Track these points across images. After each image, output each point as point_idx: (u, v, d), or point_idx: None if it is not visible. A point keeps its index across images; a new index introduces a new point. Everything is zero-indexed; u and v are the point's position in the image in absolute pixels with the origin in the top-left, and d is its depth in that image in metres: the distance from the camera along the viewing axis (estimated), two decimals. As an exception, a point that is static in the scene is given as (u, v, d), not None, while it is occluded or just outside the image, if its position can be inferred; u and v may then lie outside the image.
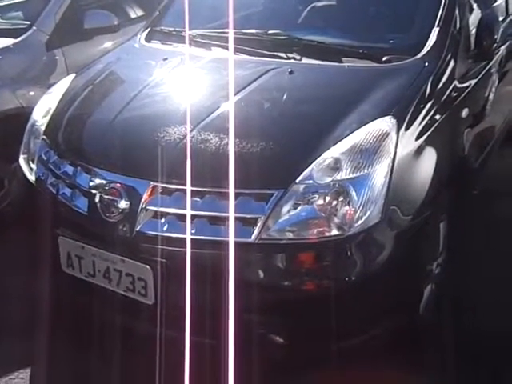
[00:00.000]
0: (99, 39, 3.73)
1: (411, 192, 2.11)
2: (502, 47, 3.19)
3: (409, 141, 2.12)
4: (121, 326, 2.15)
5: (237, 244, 1.89)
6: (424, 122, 2.21)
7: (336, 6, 2.77)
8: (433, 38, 2.41)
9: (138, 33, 3.00)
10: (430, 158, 2.22)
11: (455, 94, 2.47)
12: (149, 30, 2.98)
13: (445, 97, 2.38)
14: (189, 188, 1.86)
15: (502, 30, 3.14)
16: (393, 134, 2.03)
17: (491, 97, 3.06)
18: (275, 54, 2.51)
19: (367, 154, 1.96)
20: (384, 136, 2.01)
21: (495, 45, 2.58)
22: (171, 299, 1.97)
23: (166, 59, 2.62)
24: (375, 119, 2.06)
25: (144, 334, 2.06)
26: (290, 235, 1.93)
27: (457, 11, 2.57)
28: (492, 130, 3.27)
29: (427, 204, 2.14)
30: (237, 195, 1.91)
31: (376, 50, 2.46)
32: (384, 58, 2.38)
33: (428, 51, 2.38)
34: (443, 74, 2.40)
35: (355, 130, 2.02)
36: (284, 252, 1.93)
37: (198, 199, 1.95)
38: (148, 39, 2.92)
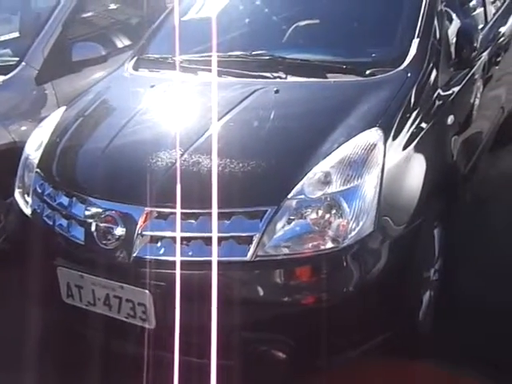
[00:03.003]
0: (88, 71, 3.78)
1: (402, 201, 2.14)
2: (484, 53, 3.25)
3: (397, 150, 2.16)
4: (125, 352, 2.16)
5: (233, 263, 1.95)
6: (410, 132, 2.25)
7: (318, 24, 2.81)
8: (413, 50, 2.46)
9: (126, 62, 3.05)
10: (418, 166, 2.25)
11: (440, 103, 2.51)
12: (136, 58, 3.03)
13: (429, 105, 2.42)
14: (179, 211, 1.88)
15: (482, 36, 3.21)
16: (380, 145, 2.06)
17: (477, 102, 3.12)
18: (261, 74, 2.56)
19: (356, 166, 2.00)
20: (371, 147, 2.04)
21: (475, 52, 2.63)
22: (172, 322, 1.98)
23: (153, 86, 2.67)
24: (362, 131, 2.10)
25: (148, 359, 2.06)
26: (286, 251, 1.95)
27: (436, 22, 2.62)
28: (480, 136, 3.31)
29: (419, 212, 2.17)
30: (230, 214, 1.94)
31: (359, 64, 2.50)
32: (367, 72, 2.43)
33: (410, 62, 2.43)
34: (426, 83, 2.45)
35: (343, 143, 2.05)
36: (281, 268, 1.95)
37: (193, 221, 1.97)
38: (135, 67, 2.96)
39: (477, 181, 3.23)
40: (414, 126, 2.27)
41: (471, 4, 3.45)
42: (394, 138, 2.16)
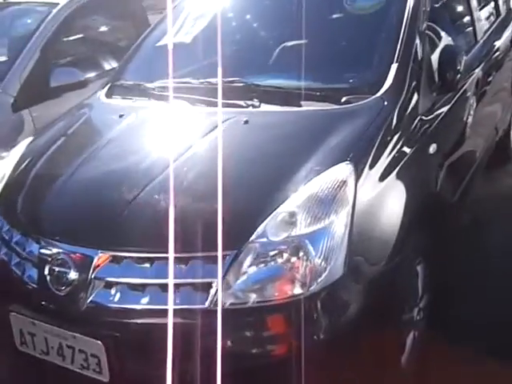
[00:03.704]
0: (67, 96, 3.68)
1: (378, 239, 1.99)
2: (477, 69, 3.12)
3: (371, 185, 2.01)
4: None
5: (192, 311, 1.80)
6: (387, 163, 2.10)
7: (294, 50, 2.67)
8: (391, 75, 2.32)
9: (99, 89, 2.94)
10: (396, 200, 2.10)
11: (421, 130, 2.36)
12: (109, 85, 2.91)
13: (409, 134, 2.27)
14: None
15: (473, 54, 3.09)
16: (350, 181, 1.91)
17: (468, 124, 2.97)
18: (233, 102, 2.42)
19: (323, 206, 1.85)
20: (340, 184, 1.89)
21: (459, 75, 2.48)
22: (127, 375, 1.85)
23: (121, 116, 2.54)
24: (331, 167, 1.95)
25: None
26: (249, 298, 1.80)
27: (417, 42, 2.48)
28: (470, 160, 3.16)
29: (398, 249, 2.02)
30: (188, 259, 1.80)
31: (335, 91, 2.36)
32: (343, 99, 2.29)
33: (387, 89, 2.28)
34: (405, 110, 2.30)
35: (310, 180, 1.91)
36: (242, 316, 1.80)
37: (148, 266, 1.84)
38: (109, 95, 2.84)
39: (470, 205, 3.07)
40: (391, 157, 2.12)
41: (458, 22, 3.32)
42: (368, 172, 2.01)
